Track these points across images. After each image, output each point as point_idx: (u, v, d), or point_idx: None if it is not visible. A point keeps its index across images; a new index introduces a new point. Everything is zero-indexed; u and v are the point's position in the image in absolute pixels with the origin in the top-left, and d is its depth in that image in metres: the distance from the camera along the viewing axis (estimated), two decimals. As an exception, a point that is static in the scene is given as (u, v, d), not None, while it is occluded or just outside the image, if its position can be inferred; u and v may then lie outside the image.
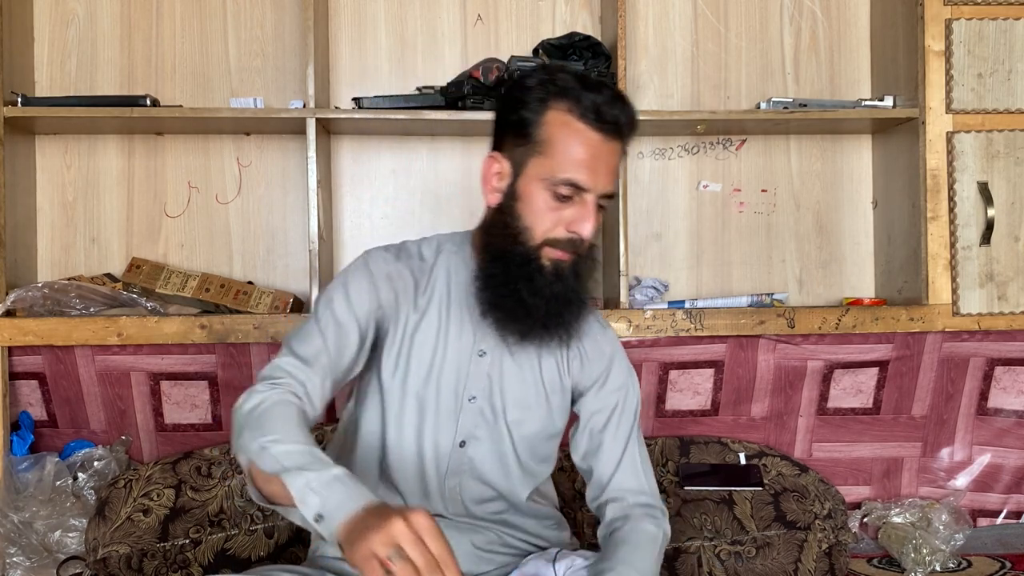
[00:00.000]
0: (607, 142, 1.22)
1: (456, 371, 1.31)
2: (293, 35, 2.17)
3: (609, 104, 1.21)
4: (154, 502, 1.84)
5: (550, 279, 1.24)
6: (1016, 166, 2.03)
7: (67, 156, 2.16)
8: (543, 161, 1.22)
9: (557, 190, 1.21)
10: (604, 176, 1.22)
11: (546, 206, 1.22)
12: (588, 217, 1.22)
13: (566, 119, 1.21)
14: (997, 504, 2.25)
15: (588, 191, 1.22)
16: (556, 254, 1.23)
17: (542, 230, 1.23)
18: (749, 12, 2.28)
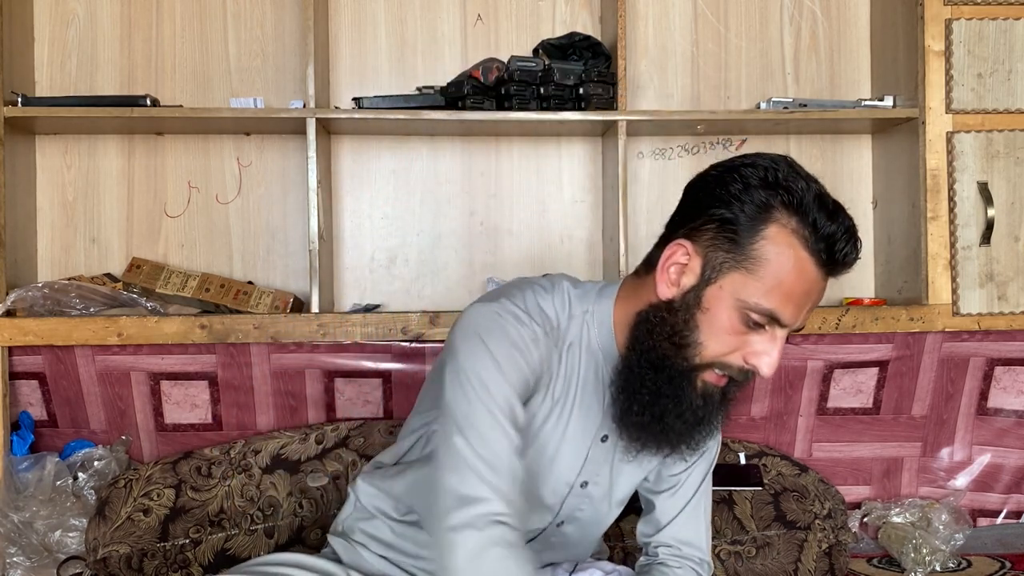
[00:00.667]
0: (823, 280, 1.07)
1: (574, 455, 1.20)
2: (293, 35, 2.17)
3: (844, 240, 1.07)
4: (154, 502, 1.84)
5: (697, 401, 1.09)
6: (1016, 166, 2.03)
7: (67, 156, 2.16)
8: (747, 280, 1.05)
9: (753, 318, 1.05)
10: (806, 314, 1.07)
11: (731, 328, 1.06)
12: (772, 353, 1.06)
13: (791, 242, 1.05)
14: (997, 504, 2.25)
15: (785, 327, 1.06)
16: (714, 379, 1.09)
17: (716, 352, 1.07)
18: (749, 12, 2.28)
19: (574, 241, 2.25)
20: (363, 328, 1.94)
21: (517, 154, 2.23)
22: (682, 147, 2.27)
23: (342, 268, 2.21)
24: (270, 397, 2.07)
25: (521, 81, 2.00)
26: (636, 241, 2.23)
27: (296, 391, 2.08)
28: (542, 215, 2.25)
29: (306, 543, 1.84)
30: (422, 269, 2.22)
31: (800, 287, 1.04)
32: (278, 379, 2.07)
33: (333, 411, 2.10)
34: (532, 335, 1.10)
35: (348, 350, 2.06)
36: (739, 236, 1.05)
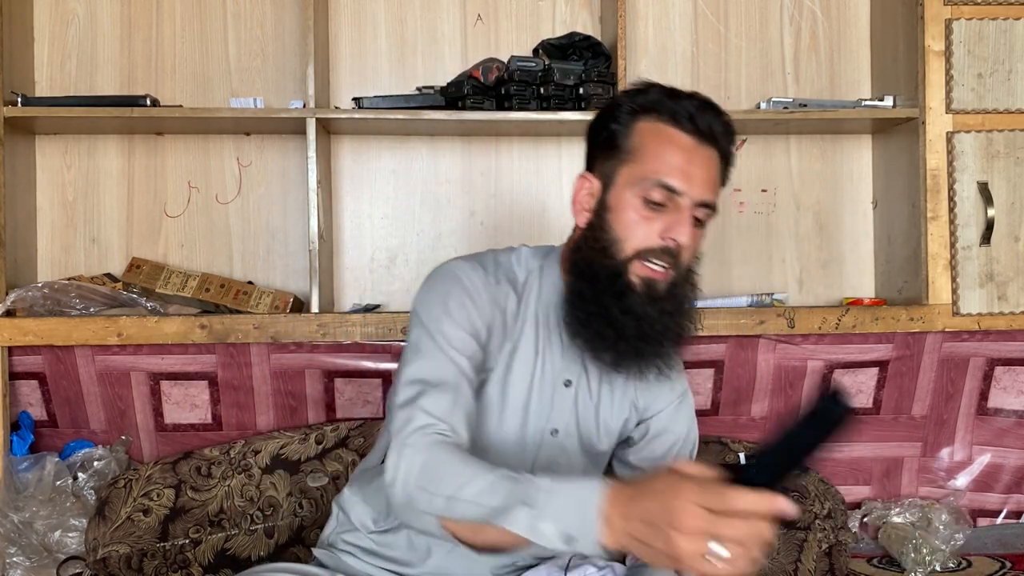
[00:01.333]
0: (701, 147, 1.16)
1: (540, 402, 1.24)
2: (293, 35, 2.17)
3: (701, 110, 1.16)
4: (154, 502, 1.84)
5: (642, 299, 1.15)
6: (1016, 166, 2.03)
7: (67, 156, 2.16)
8: (633, 168, 1.16)
9: (649, 195, 1.14)
10: (700, 182, 1.15)
11: (638, 215, 1.15)
12: (683, 222, 1.14)
13: (656, 126, 1.16)
14: (997, 504, 2.24)
15: (682, 195, 1.14)
16: (648, 271, 1.16)
17: (634, 241, 1.15)
18: (749, 12, 2.28)
19: (574, 241, 2.25)
20: (363, 328, 1.93)
21: (517, 154, 2.23)
22: (682, 147, 2.26)
23: (342, 268, 2.21)
24: (270, 397, 2.07)
25: (521, 81, 2.00)
26: (636, 241, 2.23)
27: (296, 391, 2.08)
28: (542, 215, 2.25)
29: (306, 543, 1.84)
30: (422, 269, 2.21)
31: (680, 155, 1.15)
32: (278, 379, 2.07)
33: (333, 411, 2.10)
34: (484, 280, 1.21)
35: (348, 350, 2.06)
36: (618, 141, 1.18)
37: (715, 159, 1.18)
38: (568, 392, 1.26)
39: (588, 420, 1.29)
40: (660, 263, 1.16)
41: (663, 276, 1.17)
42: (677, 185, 1.14)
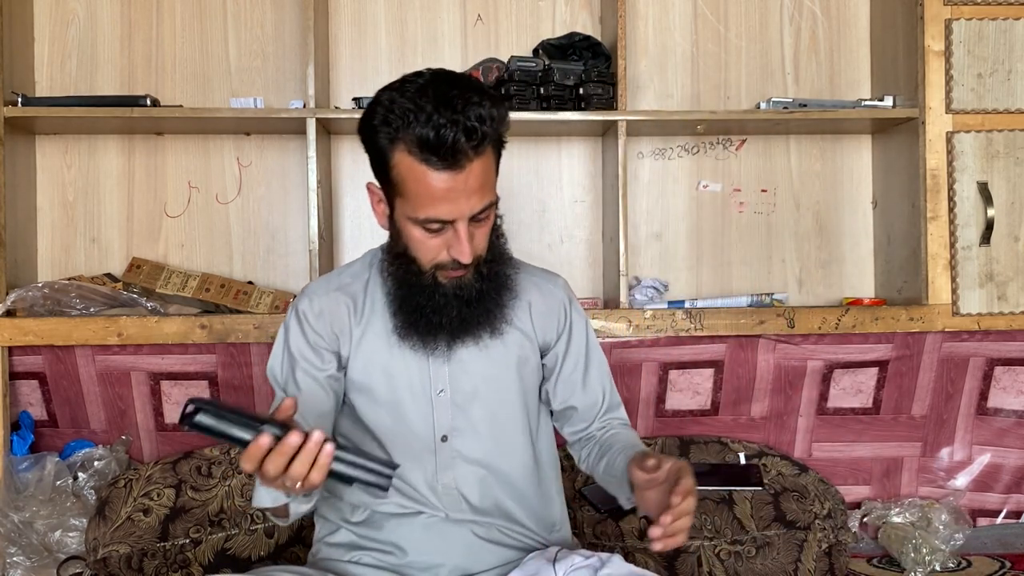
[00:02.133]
0: (458, 172, 1.16)
1: (416, 370, 1.34)
2: (293, 35, 2.17)
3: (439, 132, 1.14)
4: (154, 502, 1.84)
5: (452, 294, 1.26)
6: (1016, 166, 2.03)
7: (67, 156, 2.16)
8: (404, 203, 1.22)
9: (425, 226, 1.21)
10: (467, 200, 1.18)
11: (421, 239, 1.23)
12: (460, 241, 1.21)
13: (408, 162, 1.18)
14: (997, 504, 2.24)
15: (452, 220, 1.20)
16: (450, 274, 1.25)
17: (427, 260, 1.24)
18: (749, 12, 2.28)
19: (574, 241, 2.25)
20: (363, 328, 1.93)
21: (517, 154, 2.23)
22: (682, 147, 2.27)
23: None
24: (270, 397, 2.07)
25: (521, 81, 2.00)
26: (636, 241, 2.23)
27: (296, 391, 2.08)
28: (542, 215, 2.25)
29: (305, 543, 1.84)
30: (422, 269, 2.22)
31: (436, 188, 1.17)
32: (278, 379, 2.07)
33: (333, 411, 2.10)
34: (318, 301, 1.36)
35: (348, 350, 2.06)
36: (385, 170, 1.24)
37: (477, 168, 1.18)
38: (437, 356, 1.33)
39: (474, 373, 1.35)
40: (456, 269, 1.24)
41: (464, 272, 1.25)
42: (444, 216, 1.19)
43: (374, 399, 1.35)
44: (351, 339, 1.36)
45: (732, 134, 2.26)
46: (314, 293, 1.38)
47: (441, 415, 1.35)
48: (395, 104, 1.18)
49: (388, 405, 1.35)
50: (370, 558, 1.35)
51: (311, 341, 1.36)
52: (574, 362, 1.43)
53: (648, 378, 2.15)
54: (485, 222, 1.25)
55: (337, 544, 1.39)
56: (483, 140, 1.17)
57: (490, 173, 1.23)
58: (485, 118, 1.18)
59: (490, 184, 1.23)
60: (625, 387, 2.13)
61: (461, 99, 1.17)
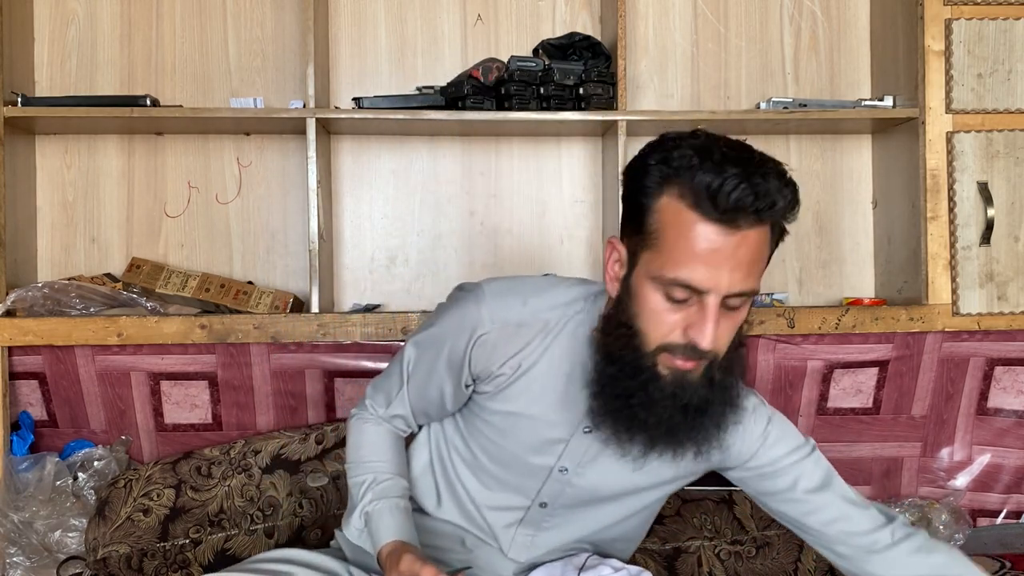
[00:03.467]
0: (731, 235, 1.00)
1: (553, 440, 1.23)
2: (293, 35, 2.17)
3: (734, 185, 0.99)
4: (154, 502, 1.84)
5: (670, 389, 1.07)
6: (1016, 166, 2.03)
7: (67, 156, 2.16)
8: (654, 256, 1.04)
9: (670, 293, 1.04)
10: (730, 273, 1.01)
11: (660, 308, 1.05)
12: (707, 321, 1.03)
13: (678, 207, 1.02)
14: (997, 504, 2.24)
15: (706, 293, 1.02)
16: (675, 362, 1.06)
17: (656, 335, 1.06)
18: (749, 12, 2.28)
19: (574, 241, 2.25)
20: (363, 328, 1.94)
21: (517, 154, 2.23)
22: (682, 147, 2.26)
23: (342, 268, 2.21)
24: (270, 397, 2.07)
25: (521, 81, 2.00)
26: (636, 241, 2.23)
27: (296, 391, 2.08)
28: (542, 215, 2.25)
29: (306, 543, 1.84)
30: (422, 269, 2.22)
31: (702, 247, 1.01)
32: (278, 379, 2.07)
33: (333, 411, 2.10)
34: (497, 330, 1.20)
35: (348, 350, 2.06)
36: (641, 216, 1.06)
37: (753, 241, 1.02)
38: (588, 439, 1.21)
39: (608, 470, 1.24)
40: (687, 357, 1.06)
41: (694, 367, 1.07)
42: (698, 283, 1.02)
43: (497, 443, 1.25)
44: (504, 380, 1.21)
45: (732, 134, 2.25)
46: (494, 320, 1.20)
47: (551, 487, 1.26)
48: (681, 146, 1.04)
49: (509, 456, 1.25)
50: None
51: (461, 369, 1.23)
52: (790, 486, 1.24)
53: (648, 378, 2.14)
54: (738, 312, 1.07)
55: None
56: (770, 209, 1.01)
57: (761, 255, 1.05)
58: (780, 190, 1.03)
59: (759, 270, 1.05)
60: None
61: (759, 160, 1.04)
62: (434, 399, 1.29)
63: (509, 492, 1.29)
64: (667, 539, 1.85)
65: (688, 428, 1.10)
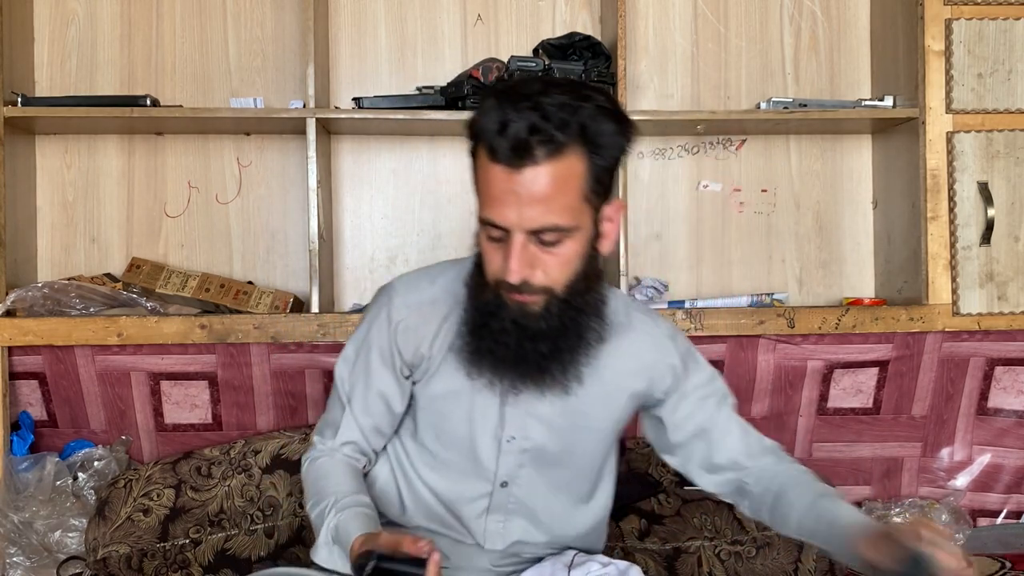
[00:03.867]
0: (516, 172, 1.06)
1: (489, 412, 1.25)
2: (293, 35, 2.17)
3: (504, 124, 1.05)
4: (154, 502, 1.84)
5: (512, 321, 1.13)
6: (1016, 166, 2.03)
7: (67, 156, 2.16)
8: (479, 203, 1.13)
9: (488, 232, 1.12)
10: (523, 209, 1.06)
11: (486, 248, 1.13)
12: (510, 257, 1.08)
13: (481, 154, 1.11)
14: (997, 504, 2.24)
15: (507, 230, 1.08)
16: (513, 296, 1.12)
17: (489, 272, 1.14)
18: (749, 12, 2.28)
19: (574, 241, 2.25)
20: (363, 328, 1.93)
21: (517, 154, 2.23)
22: (682, 147, 2.27)
23: (342, 268, 2.21)
24: (270, 397, 2.07)
25: (521, 81, 2.00)
26: (636, 241, 2.23)
27: (296, 391, 2.08)
28: (542, 215, 2.25)
29: (306, 543, 1.84)
30: (422, 269, 2.22)
31: (495, 188, 1.08)
32: (278, 379, 2.07)
33: (333, 411, 2.09)
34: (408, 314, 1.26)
35: (348, 350, 2.06)
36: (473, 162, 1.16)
37: (543, 175, 1.06)
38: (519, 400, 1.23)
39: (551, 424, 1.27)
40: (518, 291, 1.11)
41: (531, 300, 1.12)
42: (498, 221, 1.09)
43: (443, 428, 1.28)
44: (434, 362, 1.25)
45: (732, 134, 2.26)
46: (405, 306, 1.27)
47: (506, 462, 1.28)
48: (484, 102, 1.13)
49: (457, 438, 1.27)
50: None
51: (390, 358, 1.27)
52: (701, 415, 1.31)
53: (648, 378, 2.15)
54: (561, 247, 1.10)
55: None
56: (550, 141, 1.04)
57: (565, 188, 1.07)
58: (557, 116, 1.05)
59: (564, 204, 1.08)
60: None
61: (542, 92, 1.07)
62: (379, 407, 1.29)
63: (470, 479, 1.29)
64: (667, 539, 1.85)
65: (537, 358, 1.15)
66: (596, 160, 1.09)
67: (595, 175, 1.10)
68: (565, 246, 1.10)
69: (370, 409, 1.29)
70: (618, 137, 1.10)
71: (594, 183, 1.10)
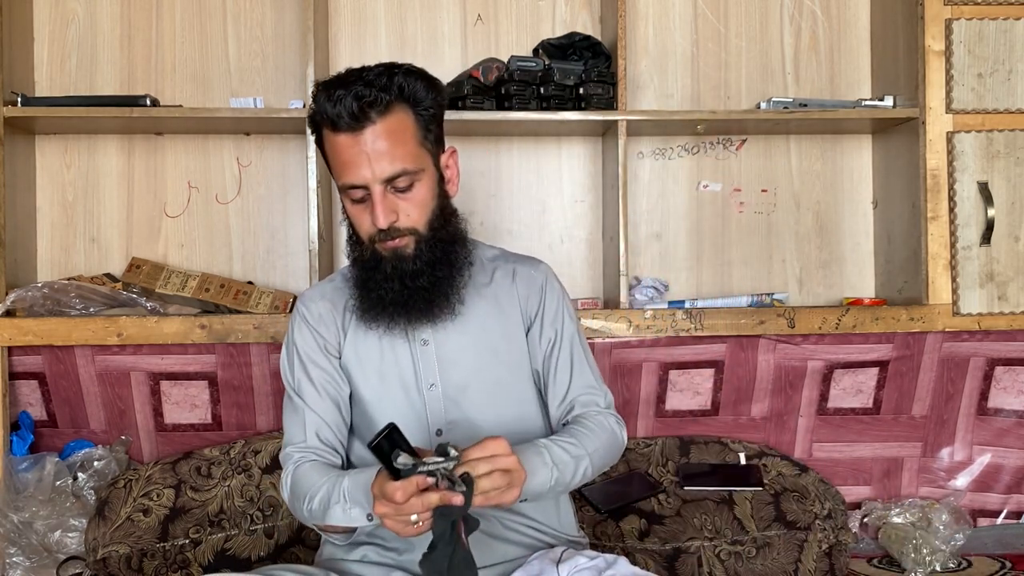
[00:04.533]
0: (358, 135, 1.24)
1: (408, 365, 1.37)
2: (293, 35, 2.17)
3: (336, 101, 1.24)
4: (154, 502, 1.84)
5: (391, 267, 1.29)
6: (1016, 166, 2.03)
7: (67, 156, 2.16)
8: (336, 178, 1.30)
9: (351, 196, 1.28)
10: (368, 164, 1.25)
11: (353, 211, 1.30)
12: (375, 207, 1.26)
13: (326, 134, 1.28)
14: (997, 504, 2.24)
15: (365, 186, 1.26)
16: (387, 245, 1.29)
17: (362, 232, 1.30)
18: (749, 12, 2.28)
19: (574, 241, 2.25)
20: (363, 328, 1.93)
21: (517, 154, 2.23)
22: (682, 147, 2.27)
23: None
24: (270, 397, 2.07)
25: (521, 81, 2.00)
26: (636, 241, 2.23)
27: (296, 391, 2.07)
28: (542, 215, 2.25)
29: (306, 543, 1.84)
30: (422, 269, 2.21)
31: (345, 154, 1.26)
32: (278, 379, 2.06)
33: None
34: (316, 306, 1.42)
35: (348, 350, 2.06)
36: (323, 150, 1.32)
37: (380, 130, 1.25)
38: (427, 349, 1.37)
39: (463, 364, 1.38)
40: (390, 237, 1.28)
41: (402, 243, 1.29)
42: (356, 182, 1.26)
43: (369, 395, 1.38)
44: (345, 339, 1.40)
45: (732, 134, 2.26)
46: (311, 300, 1.44)
47: (434, 409, 1.37)
48: (315, 96, 1.30)
49: (383, 401, 1.37)
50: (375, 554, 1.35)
51: (318, 344, 1.40)
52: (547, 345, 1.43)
53: (648, 378, 2.15)
54: (415, 191, 1.29)
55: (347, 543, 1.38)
56: (377, 102, 1.24)
57: (402, 138, 1.27)
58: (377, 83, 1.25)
59: (405, 152, 1.27)
60: (625, 387, 2.13)
61: (356, 73, 1.28)
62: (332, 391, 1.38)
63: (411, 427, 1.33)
64: (667, 539, 1.85)
65: (420, 292, 1.30)
66: (420, 112, 1.29)
67: (423, 125, 1.30)
68: (417, 190, 1.29)
69: (325, 395, 1.38)
70: (431, 91, 1.30)
71: (425, 131, 1.30)
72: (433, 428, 1.36)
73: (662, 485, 1.97)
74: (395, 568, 1.34)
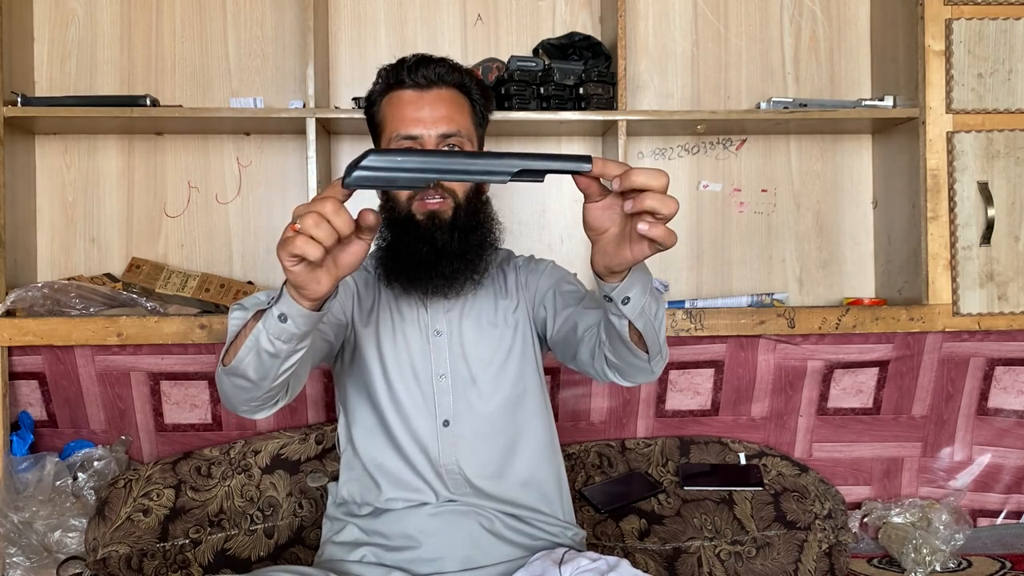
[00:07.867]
0: (425, 93, 1.34)
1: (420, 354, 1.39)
2: (293, 35, 2.17)
3: (416, 65, 1.35)
4: (154, 502, 1.84)
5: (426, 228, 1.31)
6: (1016, 166, 2.03)
7: (67, 156, 2.16)
8: (385, 135, 1.37)
9: (401, 145, 1.32)
10: (432, 120, 1.33)
11: None
12: None
13: (389, 96, 1.38)
14: (997, 504, 2.24)
15: (419, 137, 1.32)
16: (425, 204, 1.32)
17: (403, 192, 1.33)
18: (749, 12, 2.28)
19: (574, 241, 2.25)
20: (363, 328, 1.93)
21: (517, 154, 2.23)
22: (682, 147, 2.27)
23: (342, 268, 2.20)
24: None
25: (521, 81, 2.00)
26: (636, 241, 2.23)
27: (296, 391, 2.07)
28: (542, 215, 2.25)
29: (305, 543, 1.84)
30: (422, 269, 2.22)
31: (407, 108, 1.35)
32: (278, 379, 2.06)
33: (333, 411, 2.10)
34: None
35: (348, 350, 2.06)
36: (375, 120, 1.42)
37: (445, 96, 1.36)
38: (440, 340, 1.39)
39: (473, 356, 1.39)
40: (431, 197, 1.32)
41: (441, 205, 1.32)
42: (412, 132, 1.33)
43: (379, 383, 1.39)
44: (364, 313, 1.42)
45: (732, 134, 2.26)
46: None
47: (442, 400, 1.38)
48: (386, 68, 1.40)
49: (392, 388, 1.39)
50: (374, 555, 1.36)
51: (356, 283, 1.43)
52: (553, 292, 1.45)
53: (648, 378, 2.15)
54: None
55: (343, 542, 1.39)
56: (446, 74, 1.35)
57: (461, 110, 1.37)
58: (449, 63, 1.37)
59: (462, 121, 1.36)
60: (625, 387, 2.13)
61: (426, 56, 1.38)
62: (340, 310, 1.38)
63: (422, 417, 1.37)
64: (667, 539, 1.85)
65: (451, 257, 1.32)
66: (476, 105, 1.40)
67: (476, 117, 1.40)
68: None
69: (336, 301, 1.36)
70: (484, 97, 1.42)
71: (477, 121, 1.41)
72: (440, 419, 1.38)
73: (662, 485, 1.97)
74: (395, 568, 1.34)
